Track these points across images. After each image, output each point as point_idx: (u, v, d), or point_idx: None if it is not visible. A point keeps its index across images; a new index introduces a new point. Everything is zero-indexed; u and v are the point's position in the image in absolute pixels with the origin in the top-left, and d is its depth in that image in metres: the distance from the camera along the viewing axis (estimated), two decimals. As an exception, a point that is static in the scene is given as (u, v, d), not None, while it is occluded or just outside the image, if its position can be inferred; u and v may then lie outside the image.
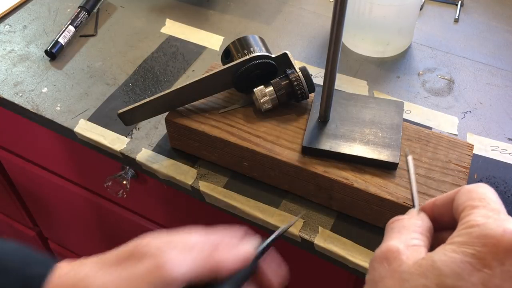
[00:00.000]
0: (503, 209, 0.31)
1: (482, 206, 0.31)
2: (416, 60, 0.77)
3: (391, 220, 0.35)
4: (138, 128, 0.68)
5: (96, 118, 0.69)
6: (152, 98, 0.58)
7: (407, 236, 0.33)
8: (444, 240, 0.32)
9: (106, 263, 0.36)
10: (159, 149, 0.65)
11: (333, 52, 0.52)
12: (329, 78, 0.54)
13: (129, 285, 0.34)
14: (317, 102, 0.60)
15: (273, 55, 0.60)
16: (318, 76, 0.74)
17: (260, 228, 0.60)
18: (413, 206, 0.37)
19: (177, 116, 0.60)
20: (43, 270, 0.35)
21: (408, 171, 0.38)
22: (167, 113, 0.61)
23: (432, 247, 0.33)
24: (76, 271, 0.36)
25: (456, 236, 0.30)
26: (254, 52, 0.59)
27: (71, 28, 0.80)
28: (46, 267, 0.36)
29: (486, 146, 0.65)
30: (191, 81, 0.58)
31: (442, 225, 0.35)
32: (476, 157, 0.64)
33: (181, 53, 0.78)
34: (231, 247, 0.38)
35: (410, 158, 0.39)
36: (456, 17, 0.85)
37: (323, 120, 0.59)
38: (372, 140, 0.57)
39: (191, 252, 0.36)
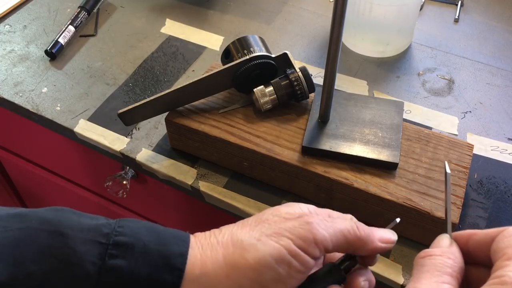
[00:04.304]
0: None
1: None
2: (416, 60, 0.77)
3: (421, 254, 0.34)
4: (138, 128, 0.68)
5: (96, 118, 0.69)
6: (152, 98, 0.58)
7: (438, 279, 0.32)
8: (474, 277, 0.31)
9: (246, 224, 0.38)
10: (159, 149, 0.65)
11: (333, 52, 0.52)
12: (329, 78, 0.54)
13: (277, 236, 0.36)
14: (317, 102, 0.60)
15: (273, 55, 0.60)
16: (318, 76, 0.74)
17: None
18: (446, 226, 0.36)
19: (177, 116, 0.60)
20: (181, 248, 0.36)
21: (445, 190, 0.37)
22: (167, 113, 0.61)
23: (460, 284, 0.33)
24: (217, 235, 0.37)
25: None
26: (254, 52, 0.59)
27: (71, 28, 0.80)
28: (183, 243, 0.36)
29: (486, 146, 0.65)
30: (191, 81, 0.58)
31: (475, 260, 0.34)
32: (476, 157, 0.64)
33: (181, 53, 0.78)
34: (371, 228, 0.39)
35: (448, 174, 0.37)
36: (456, 17, 0.85)
37: (323, 120, 0.59)
38: (372, 140, 0.57)
39: (334, 221, 0.37)
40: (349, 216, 0.39)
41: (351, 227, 0.38)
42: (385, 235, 0.39)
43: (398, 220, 0.41)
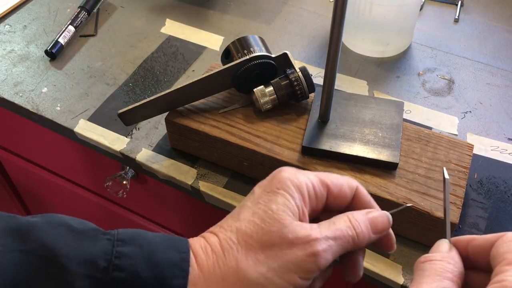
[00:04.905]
0: None
1: None
2: (416, 60, 0.77)
3: (421, 259, 0.34)
4: (138, 128, 0.68)
5: (96, 118, 0.69)
6: (152, 98, 0.58)
7: (438, 283, 0.32)
8: (474, 282, 0.31)
9: (250, 246, 0.36)
10: (159, 149, 0.65)
11: (333, 52, 0.52)
12: (329, 78, 0.54)
13: (284, 272, 0.35)
14: (317, 102, 0.60)
15: (273, 55, 0.60)
16: (318, 76, 0.74)
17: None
18: (445, 231, 0.36)
19: (177, 116, 0.60)
20: (180, 281, 0.35)
21: (444, 195, 0.37)
22: (167, 113, 0.61)
23: None
24: (221, 265, 0.35)
25: None
26: (254, 52, 0.59)
27: (71, 28, 0.80)
28: (182, 273, 0.35)
29: (486, 146, 0.65)
30: (191, 81, 0.58)
31: (475, 265, 0.34)
32: (476, 157, 0.64)
33: (181, 53, 0.78)
34: (367, 225, 0.39)
35: (447, 179, 0.37)
36: (456, 17, 0.85)
37: (323, 120, 0.59)
38: (372, 140, 0.57)
39: (335, 236, 0.37)
40: (347, 220, 0.38)
41: (352, 238, 0.37)
42: (379, 227, 0.39)
43: (409, 205, 0.41)
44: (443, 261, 0.33)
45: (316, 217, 0.41)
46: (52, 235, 0.34)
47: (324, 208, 0.40)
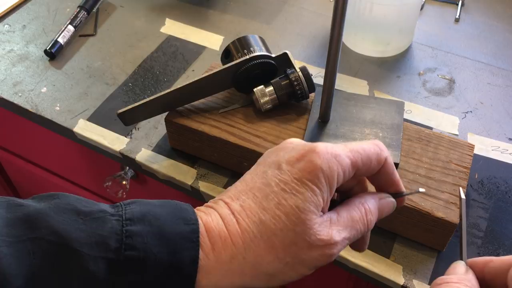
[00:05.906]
0: None
1: None
2: (417, 60, 0.77)
3: (438, 281, 0.34)
4: (138, 128, 0.68)
5: (96, 118, 0.69)
6: (152, 98, 0.58)
7: None
8: None
9: (271, 247, 0.35)
10: (158, 149, 0.65)
11: (334, 52, 0.51)
12: (329, 78, 0.54)
13: (298, 267, 0.36)
14: (317, 102, 0.60)
15: (273, 55, 0.60)
16: (318, 76, 0.74)
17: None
18: (461, 255, 0.36)
19: (177, 116, 0.60)
20: (192, 252, 0.35)
21: (460, 216, 0.37)
22: (167, 113, 0.61)
23: None
24: (240, 259, 0.36)
25: None
26: (254, 52, 0.59)
27: (71, 28, 0.80)
28: (193, 243, 0.35)
29: (487, 146, 0.65)
30: (191, 81, 0.58)
31: (492, 287, 0.34)
32: (477, 157, 0.64)
33: (181, 53, 0.78)
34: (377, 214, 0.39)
35: (463, 200, 0.37)
36: (457, 16, 0.84)
37: (323, 120, 0.58)
38: (373, 140, 0.56)
39: (350, 239, 0.37)
40: (364, 216, 0.38)
41: (363, 231, 0.38)
42: (384, 213, 0.40)
43: (421, 190, 0.41)
44: (459, 283, 0.33)
45: None
46: (61, 221, 0.35)
47: None
